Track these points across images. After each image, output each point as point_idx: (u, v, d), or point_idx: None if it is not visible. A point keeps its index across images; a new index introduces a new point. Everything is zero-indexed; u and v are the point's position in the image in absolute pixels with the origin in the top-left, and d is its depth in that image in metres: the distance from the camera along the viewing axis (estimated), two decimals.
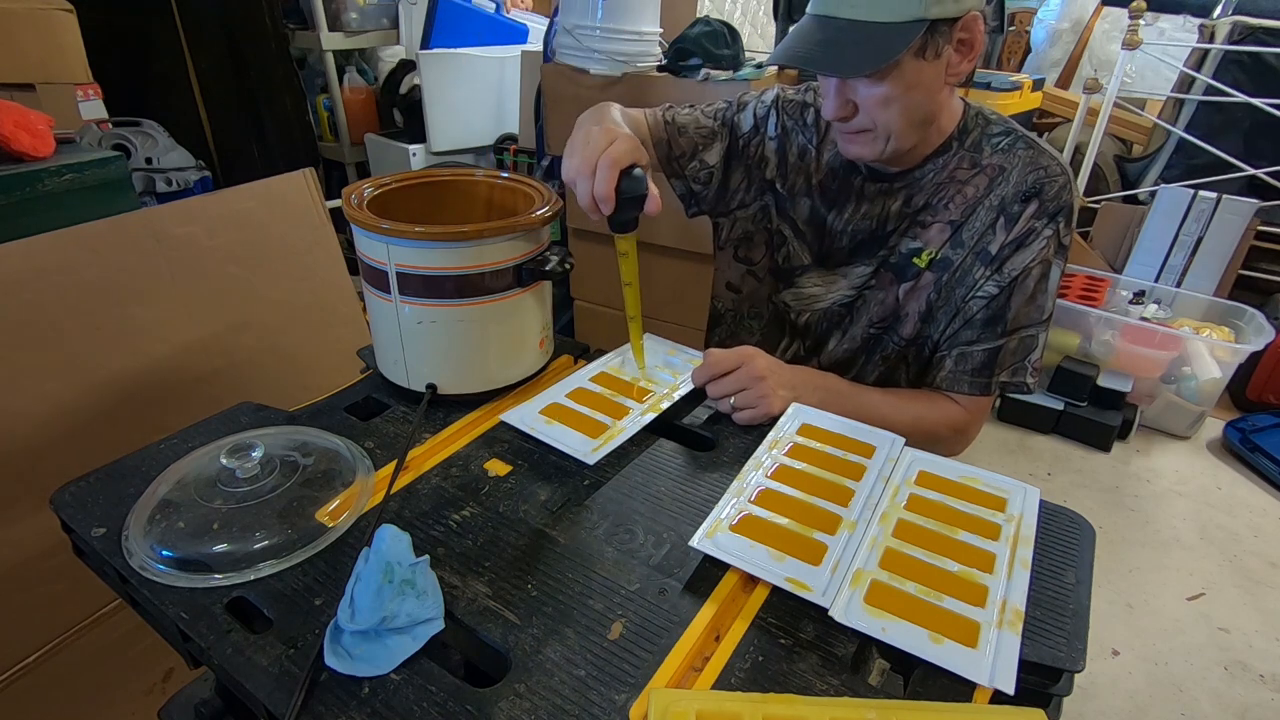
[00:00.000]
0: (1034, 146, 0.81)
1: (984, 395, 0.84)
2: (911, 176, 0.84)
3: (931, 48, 0.72)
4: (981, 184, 0.82)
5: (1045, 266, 0.81)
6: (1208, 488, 1.92)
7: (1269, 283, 2.42)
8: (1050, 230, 0.80)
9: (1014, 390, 0.84)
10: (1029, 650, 0.48)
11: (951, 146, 0.83)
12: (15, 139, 1.11)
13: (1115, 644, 1.45)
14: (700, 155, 0.95)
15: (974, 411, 0.86)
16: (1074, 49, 3.54)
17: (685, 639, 0.49)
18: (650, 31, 1.55)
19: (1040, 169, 0.80)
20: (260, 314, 1.19)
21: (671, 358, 0.83)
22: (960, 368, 0.84)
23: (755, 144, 0.94)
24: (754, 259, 0.99)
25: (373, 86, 2.62)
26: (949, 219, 0.83)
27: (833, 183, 0.90)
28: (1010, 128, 0.83)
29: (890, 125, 0.76)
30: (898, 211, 0.86)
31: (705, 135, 0.95)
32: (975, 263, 0.82)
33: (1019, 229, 0.80)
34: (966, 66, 0.75)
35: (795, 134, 0.92)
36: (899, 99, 0.74)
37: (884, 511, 0.59)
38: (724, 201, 0.98)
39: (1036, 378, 0.83)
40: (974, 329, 0.83)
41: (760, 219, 0.96)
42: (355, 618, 0.47)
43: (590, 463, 0.64)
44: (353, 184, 0.74)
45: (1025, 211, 0.80)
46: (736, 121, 0.95)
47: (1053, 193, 0.79)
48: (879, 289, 0.88)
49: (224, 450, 0.59)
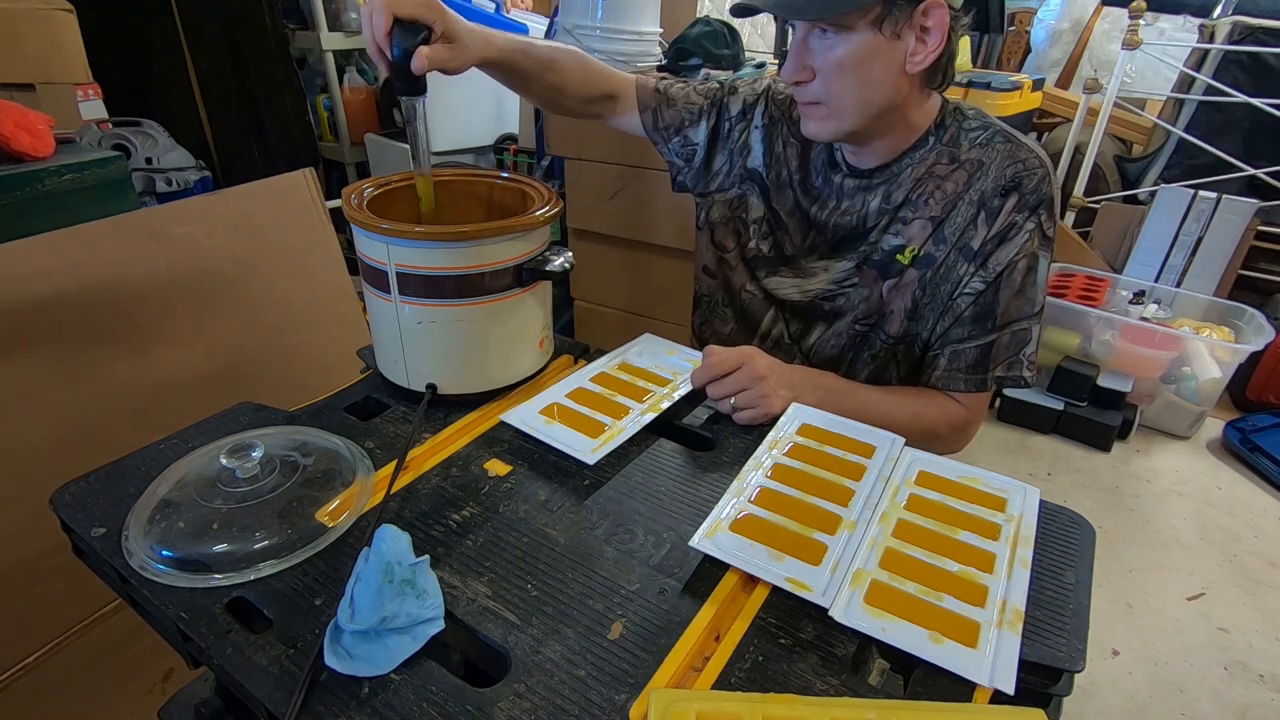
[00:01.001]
0: (1011, 140, 0.81)
1: (981, 391, 0.84)
2: (889, 172, 0.84)
3: (890, 23, 0.71)
4: (961, 179, 0.82)
5: (1032, 259, 0.80)
6: (1208, 488, 1.92)
7: (1269, 283, 2.42)
8: (1032, 223, 0.80)
9: (1011, 384, 0.84)
10: (1029, 650, 0.48)
11: (928, 141, 0.83)
12: (15, 139, 1.11)
13: (1115, 644, 1.45)
14: (685, 131, 0.96)
15: (973, 408, 0.86)
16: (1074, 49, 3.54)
17: (685, 639, 0.49)
18: (650, 31, 1.55)
19: (1018, 162, 0.80)
20: (260, 314, 1.19)
21: (670, 358, 0.83)
22: (954, 365, 0.84)
23: (740, 129, 0.94)
24: (727, 246, 0.99)
25: (373, 86, 2.62)
26: (930, 215, 0.83)
27: (816, 178, 0.90)
28: (988, 122, 0.83)
29: (844, 100, 0.76)
30: (878, 208, 0.86)
31: (693, 112, 0.95)
32: (959, 259, 0.82)
33: (1000, 223, 0.80)
34: (929, 58, 0.74)
35: (781, 125, 0.92)
36: (854, 69, 0.74)
37: (884, 511, 0.59)
38: (705, 181, 0.98)
39: (1033, 371, 0.83)
40: (964, 326, 0.83)
41: (735, 206, 0.96)
42: (355, 618, 0.47)
43: (590, 463, 0.64)
44: (353, 184, 0.74)
45: (1005, 205, 0.80)
46: (726, 104, 0.95)
47: (1032, 185, 0.79)
48: (862, 286, 0.88)
49: (224, 450, 0.59)
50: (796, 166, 0.91)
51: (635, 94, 0.96)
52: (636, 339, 0.85)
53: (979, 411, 0.88)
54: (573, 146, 1.53)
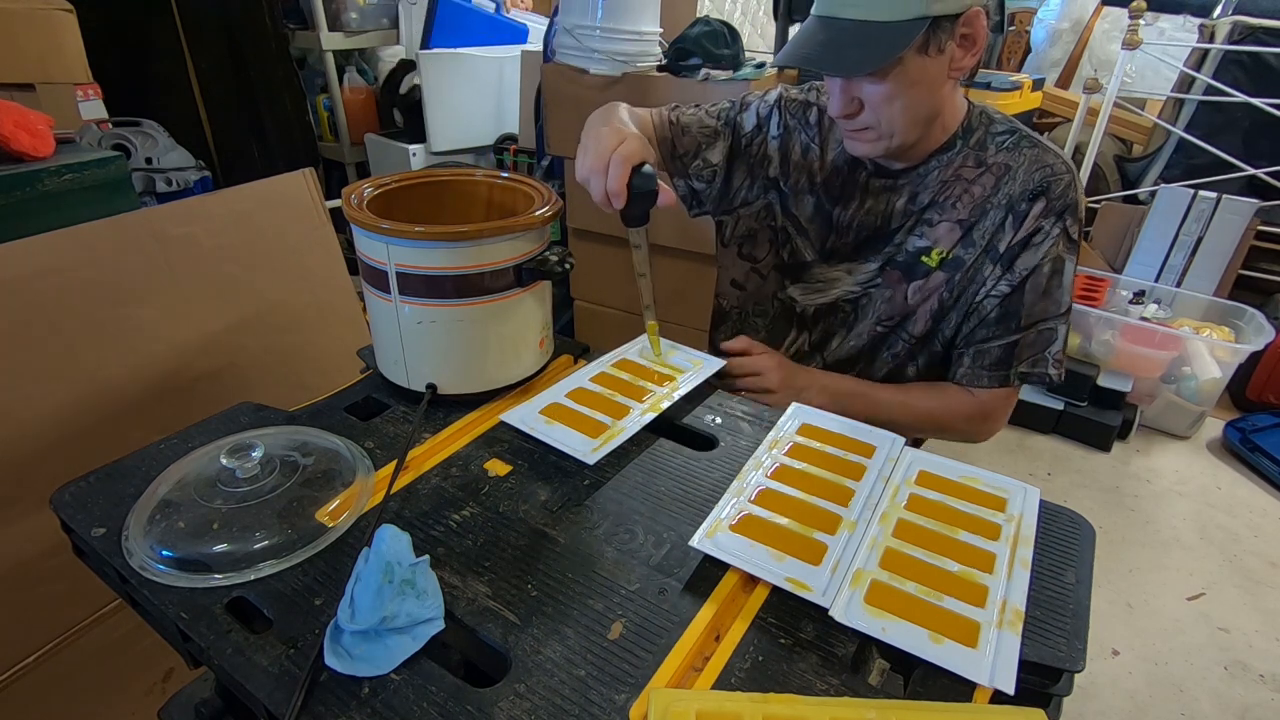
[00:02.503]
0: (1038, 145, 0.82)
1: (1004, 387, 0.85)
2: (916, 173, 0.85)
3: (934, 44, 0.72)
4: (988, 183, 0.82)
5: (1058, 263, 0.81)
6: (1208, 488, 1.92)
7: (1269, 283, 2.42)
8: (1058, 228, 0.80)
9: (1036, 381, 0.84)
10: (1029, 650, 0.48)
11: (955, 144, 0.83)
12: (15, 139, 1.11)
13: (1115, 644, 1.45)
14: (703, 154, 0.96)
15: (991, 401, 0.87)
16: (1074, 49, 3.54)
17: (685, 639, 0.49)
18: (650, 31, 1.55)
19: (1046, 167, 0.81)
20: (260, 314, 1.19)
21: (671, 357, 0.83)
22: (978, 364, 0.85)
23: (758, 143, 0.95)
24: (758, 256, 0.99)
25: (373, 86, 2.62)
26: (958, 218, 0.84)
27: (837, 179, 0.90)
28: (1014, 126, 0.84)
29: (894, 122, 0.77)
30: (903, 208, 0.86)
31: (708, 134, 0.95)
32: (986, 261, 0.83)
33: (1027, 227, 0.81)
34: (970, 61, 0.75)
35: (798, 132, 0.92)
36: (902, 95, 0.74)
37: (884, 511, 0.59)
38: (727, 200, 0.99)
39: (1060, 369, 0.84)
40: (988, 327, 0.84)
41: (764, 216, 0.97)
42: (355, 618, 0.47)
43: (590, 463, 0.64)
44: (353, 184, 0.74)
45: (1033, 210, 0.80)
46: (739, 121, 0.96)
47: (1059, 190, 0.80)
48: (885, 287, 0.89)
49: (224, 450, 0.59)
50: (817, 169, 0.91)
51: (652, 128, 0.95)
52: (636, 339, 0.85)
53: (1001, 405, 0.88)
54: (573, 146, 1.52)
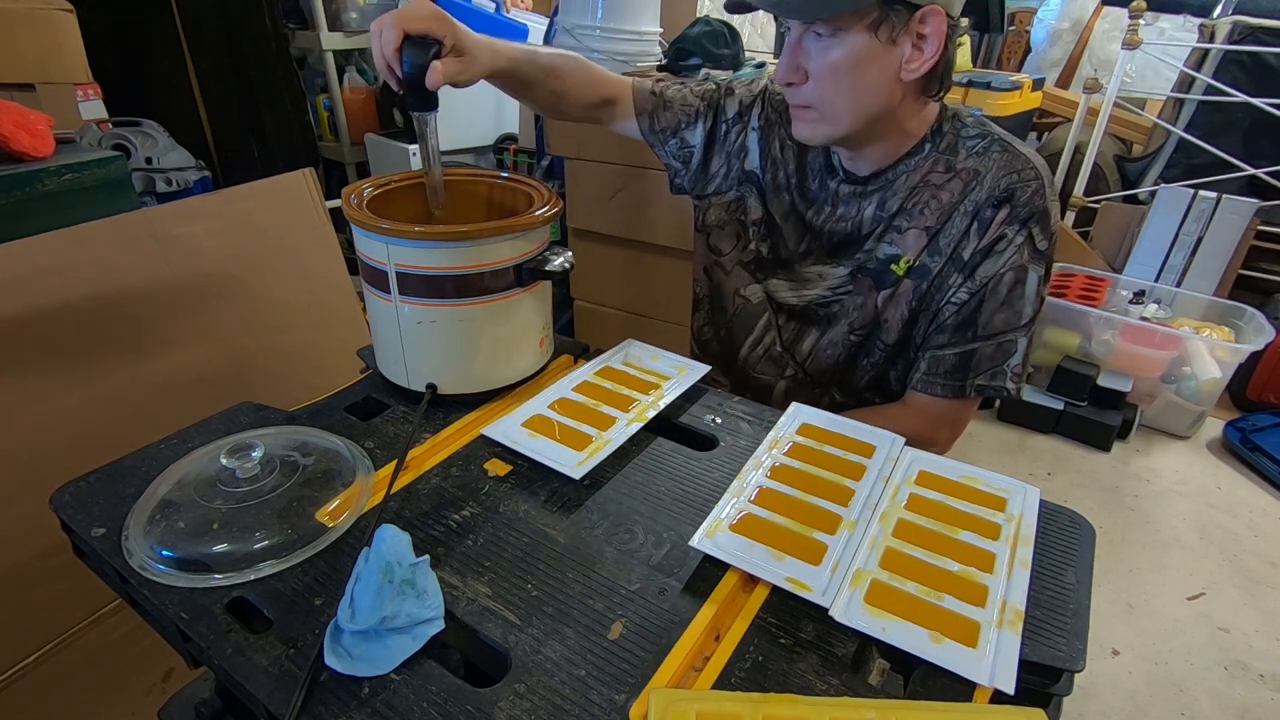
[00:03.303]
0: (1009, 150, 0.80)
1: (959, 398, 0.83)
2: (884, 179, 0.83)
3: (886, 28, 0.71)
4: (956, 189, 0.80)
5: (1020, 273, 0.79)
6: (1208, 488, 1.92)
7: (1269, 283, 2.42)
8: (1022, 236, 0.78)
9: (994, 394, 0.82)
10: (1029, 650, 0.48)
11: (923, 149, 0.82)
12: (15, 139, 1.11)
13: (1115, 644, 1.45)
14: (681, 133, 0.95)
15: (948, 410, 0.85)
16: (1074, 49, 3.54)
17: (685, 639, 0.49)
18: (650, 31, 1.55)
19: (1014, 173, 0.78)
20: (260, 314, 1.19)
21: (655, 363, 0.82)
22: (933, 370, 0.84)
23: (737, 131, 0.94)
24: (723, 250, 0.98)
25: (373, 86, 2.62)
26: (925, 225, 0.82)
27: (812, 182, 0.90)
28: (986, 130, 0.82)
29: (836, 104, 0.75)
30: (873, 215, 0.85)
31: (689, 114, 0.95)
32: (951, 269, 0.81)
33: (990, 235, 0.79)
34: (924, 67, 0.73)
35: (778, 128, 0.91)
36: (847, 73, 0.73)
37: (884, 511, 0.59)
38: (702, 184, 0.98)
39: (1019, 383, 0.82)
40: (945, 333, 0.83)
41: (734, 209, 0.96)
42: (355, 618, 0.47)
43: (576, 477, 0.63)
44: (353, 184, 0.74)
45: (996, 217, 0.78)
46: (723, 105, 0.95)
47: (1025, 198, 0.77)
48: (857, 293, 0.88)
49: (224, 450, 0.59)
50: (794, 169, 0.91)
51: (632, 98, 0.96)
52: (619, 345, 0.84)
53: (950, 417, 0.86)
54: (572, 146, 1.53)
